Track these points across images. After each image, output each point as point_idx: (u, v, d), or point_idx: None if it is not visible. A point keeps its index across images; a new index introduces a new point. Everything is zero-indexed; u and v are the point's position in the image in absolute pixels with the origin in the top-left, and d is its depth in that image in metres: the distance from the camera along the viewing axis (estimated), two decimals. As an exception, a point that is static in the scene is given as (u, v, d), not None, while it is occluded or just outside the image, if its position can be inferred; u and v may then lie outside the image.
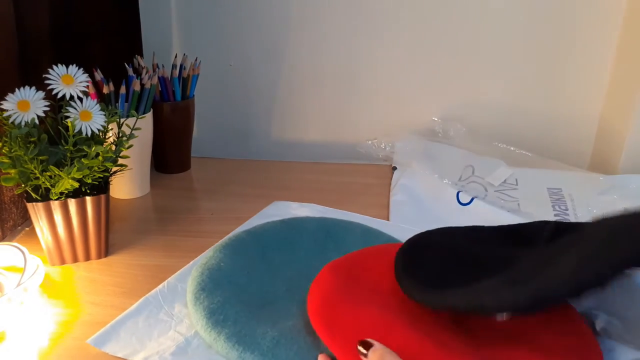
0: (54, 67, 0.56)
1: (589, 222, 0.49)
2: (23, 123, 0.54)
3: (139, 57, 0.83)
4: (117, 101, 0.75)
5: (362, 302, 0.46)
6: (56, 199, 0.58)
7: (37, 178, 0.56)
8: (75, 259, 0.62)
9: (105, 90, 0.74)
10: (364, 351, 0.40)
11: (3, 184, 0.57)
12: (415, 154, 0.88)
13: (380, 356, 0.39)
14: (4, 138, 0.55)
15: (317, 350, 0.45)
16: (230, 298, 0.52)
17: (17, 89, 0.54)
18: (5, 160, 0.55)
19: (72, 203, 0.59)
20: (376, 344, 0.40)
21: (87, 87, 0.66)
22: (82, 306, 0.54)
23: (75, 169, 0.56)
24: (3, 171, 0.56)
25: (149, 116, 0.78)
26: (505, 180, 0.81)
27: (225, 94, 1.01)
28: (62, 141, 0.57)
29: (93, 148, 0.56)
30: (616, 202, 0.75)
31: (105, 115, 0.58)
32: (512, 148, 0.90)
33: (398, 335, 0.42)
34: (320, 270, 0.52)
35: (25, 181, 0.56)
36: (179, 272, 0.58)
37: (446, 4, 0.90)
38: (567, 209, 0.74)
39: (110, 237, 0.65)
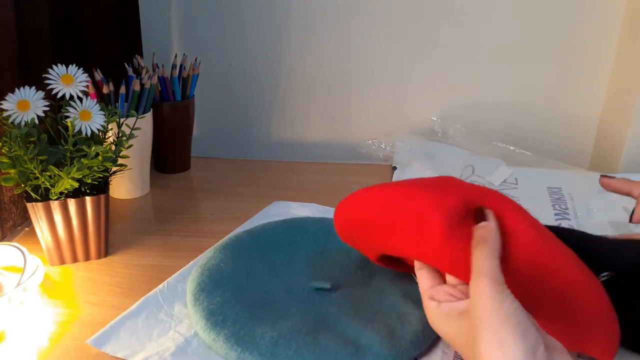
0: (54, 67, 0.56)
1: None
2: (23, 123, 0.54)
3: (138, 57, 0.83)
4: (117, 101, 0.75)
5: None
6: (56, 199, 0.58)
7: (37, 178, 0.56)
8: (75, 259, 0.62)
9: (105, 90, 0.74)
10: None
11: (3, 184, 0.57)
12: (415, 154, 0.88)
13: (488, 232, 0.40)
14: (4, 138, 0.55)
15: (317, 349, 0.45)
16: (230, 298, 0.52)
17: (17, 89, 0.54)
18: (5, 160, 0.55)
19: (71, 203, 0.59)
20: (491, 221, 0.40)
21: (87, 87, 0.66)
22: (81, 306, 0.54)
23: (75, 168, 0.56)
24: (3, 171, 0.56)
25: (148, 116, 0.78)
26: (505, 180, 0.81)
27: (225, 94, 1.01)
28: (62, 141, 0.57)
29: (93, 148, 0.56)
30: (616, 201, 0.75)
31: (105, 115, 0.58)
32: (512, 147, 0.90)
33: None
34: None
35: (25, 181, 0.56)
36: (178, 272, 0.58)
37: (446, 3, 0.90)
38: (567, 208, 0.74)
39: (110, 237, 0.65)
